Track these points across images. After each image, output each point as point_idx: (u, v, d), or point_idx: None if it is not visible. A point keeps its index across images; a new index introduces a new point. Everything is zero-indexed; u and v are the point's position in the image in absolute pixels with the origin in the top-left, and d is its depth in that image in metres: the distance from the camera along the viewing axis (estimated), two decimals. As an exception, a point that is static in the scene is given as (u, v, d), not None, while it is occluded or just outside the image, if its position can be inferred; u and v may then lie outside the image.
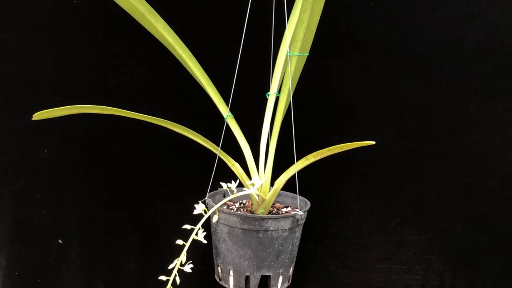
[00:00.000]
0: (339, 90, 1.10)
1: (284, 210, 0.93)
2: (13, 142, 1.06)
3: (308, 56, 0.84)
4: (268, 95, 0.91)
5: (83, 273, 1.14)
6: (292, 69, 0.81)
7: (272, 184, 0.88)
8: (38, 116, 0.79)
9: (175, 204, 1.12)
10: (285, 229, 0.82)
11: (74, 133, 1.07)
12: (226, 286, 0.86)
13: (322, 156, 0.79)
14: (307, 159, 0.81)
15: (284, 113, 0.88)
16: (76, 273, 1.13)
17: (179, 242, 0.77)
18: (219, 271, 0.88)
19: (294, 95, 0.84)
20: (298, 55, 0.80)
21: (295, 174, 0.83)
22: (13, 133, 1.06)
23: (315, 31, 0.78)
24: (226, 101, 0.90)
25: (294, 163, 0.83)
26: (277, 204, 0.96)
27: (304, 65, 0.87)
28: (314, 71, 0.99)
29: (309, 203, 0.89)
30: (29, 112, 0.80)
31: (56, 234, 1.11)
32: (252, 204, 0.91)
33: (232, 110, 0.90)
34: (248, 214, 0.85)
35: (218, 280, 0.89)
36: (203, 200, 0.84)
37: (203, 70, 0.89)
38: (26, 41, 1.03)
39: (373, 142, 0.72)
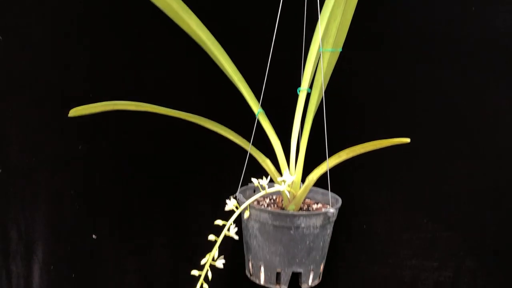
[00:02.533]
0: (373, 87, 1.09)
1: (315, 206, 0.92)
2: (48, 138, 1.09)
3: (341, 51, 0.83)
4: (299, 90, 0.90)
5: (116, 268, 1.16)
6: (325, 65, 0.80)
7: (303, 180, 0.88)
8: (74, 112, 0.81)
9: (206, 200, 1.13)
10: (316, 226, 0.81)
11: (108, 130, 1.09)
12: (257, 281, 0.86)
13: (355, 154, 0.78)
14: (339, 156, 0.80)
15: (316, 109, 0.87)
16: (110, 268, 1.16)
17: (211, 237, 0.78)
18: (250, 267, 0.88)
19: (326, 91, 0.84)
20: (331, 51, 0.79)
21: (326, 170, 0.83)
22: (48, 129, 1.08)
23: (348, 26, 0.77)
24: (257, 97, 0.90)
25: (325, 159, 0.83)
26: (308, 200, 0.96)
27: (337, 60, 0.86)
28: (348, 67, 0.98)
29: (340, 200, 0.88)
30: (64, 108, 0.82)
31: (90, 230, 1.14)
32: (282, 200, 0.91)
33: (263, 106, 0.90)
34: (280, 210, 0.85)
35: (249, 275, 0.89)
36: (234, 195, 0.85)
37: (235, 67, 0.89)
38: (58, 41, 1.05)
39: (408, 140, 0.71)
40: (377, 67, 1.08)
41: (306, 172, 0.87)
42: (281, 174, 0.89)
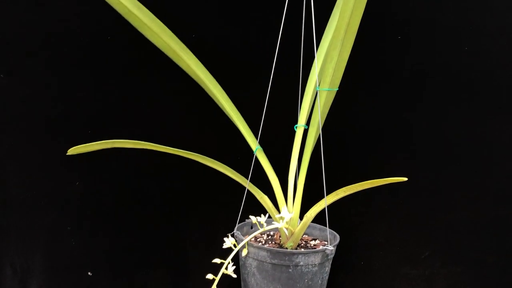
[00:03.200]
0: (368, 123, 1.10)
1: (313, 243, 0.92)
2: (47, 175, 1.09)
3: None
4: (296, 127, 0.91)
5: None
6: (322, 103, 0.81)
7: (301, 217, 0.88)
8: (73, 151, 0.81)
9: (203, 237, 1.12)
10: (315, 264, 0.81)
11: (105, 166, 1.09)
12: (255, 320, 0.85)
13: (352, 191, 0.79)
14: (337, 194, 0.81)
15: (313, 145, 0.88)
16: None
17: (209, 276, 0.77)
18: (249, 305, 0.87)
19: (323, 127, 0.85)
20: (327, 90, 0.80)
21: (324, 208, 0.83)
22: (46, 166, 1.08)
23: (344, 67, 0.78)
24: (255, 134, 0.90)
25: (323, 195, 0.83)
26: (305, 237, 0.96)
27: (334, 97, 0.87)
28: (343, 104, 1.00)
29: (338, 237, 0.88)
30: (62, 145, 0.82)
31: (85, 266, 1.13)
32: (280, 237, 0.91)
33: (260, 143, 0.90)
34: (278, 248, 0.85)
35: (246, 314, 0.88)
36: (232, 233, 0.84)
37: (233, 105, 0.90)
38: (58, 76, 1.06)
39: (405, 179, 0.72)
40: (375, 104, 1.09)
41: (304, 208, 0.87)
42: (279, 211, 0.89)
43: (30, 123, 1.07)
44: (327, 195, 0.82)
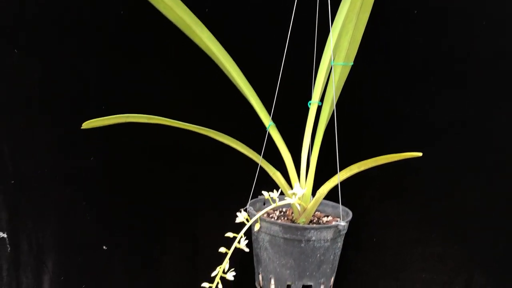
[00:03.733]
0: (384, 100, 1.09)
1: (325, 219, 0.92)
2: (61, 151, 1.10)
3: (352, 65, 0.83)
4: (310, 104, 0.91)
5: (126, 279, 1.16)
6: (336, 79, 0.80)
7: (313, 193, 0.88)
8: (87, 125, 0.82)
9: (216, 212, 1.13)
10: (327, 239, 0.81)
11: (120, 142, 1.10)
12: (267, 294, 0.86)
13: (366, 167, 0.78)
14: (351, 170, 0.80)
15: (327, 122, 0.87)
16: (120, 279, 1.16)
17: (222, 250, 0.77)
18: (260, 279, 0.88)
19: (337, 104, 0.84)
20: (342, 65, 0.79)
21: (337, 184, 0.82)
22: (60, 142, 1.09)
23: (360, 40, 0.77)
24: (268, 110, 0.90)
25: (336, 172, 0.83)
26: (318, 213, 0.96)
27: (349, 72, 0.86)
28: (358, 80, 0.99)
29: (351, 213, 0.88)
30: (76, 120, 0.83)
31: (100, 241, 1.14)
32: (292, 213, 0.91)
33: (274, 119, 0.90)
34: (290, 223, 0.85)
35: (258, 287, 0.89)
36: (244, 208, 0.85)
37: (246, 80, 0.90)
38: (73, 53, 1.07)
39: (420, 154, 0.71)
40: (390, 80, 1.08)
41: (316, 185, 0.87)
42: (291, 187, 0.89)
43: (44, 98, 1.07)
44: (340, 171, 0.81)
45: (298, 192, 0.80)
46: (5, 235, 1.12)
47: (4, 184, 1.10)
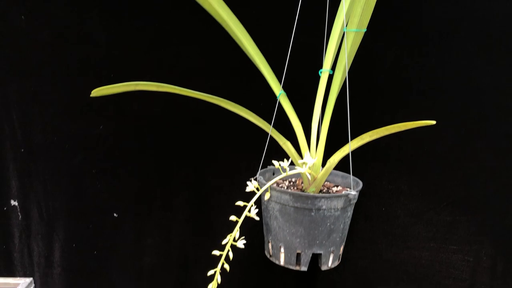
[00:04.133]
0: (395, 69, 1.07)
1: (335, 189, 0.92)
2: (70, 118, 1.10)
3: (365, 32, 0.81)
4: (321, 72, 0.89)
5: (136, 246, 1.18)
6: (349, 46, 0.79)
7: (323, 164, 0.87)
8: (96, 92, 0.81)
9: (226, 181, 1.13)
10: (337, 208, 0.81)
11: (128, 110, 1.10)
12: (276, 262, 0.87)
13: (378, 136, 0.77)
14: (362, 139, 0.80)
15: (339, 90, 0.86)
16: (130, 245, 1.18)
17: (233, 218, 0.78)
18: (270, 248, 0.88)
19: (348, 72, 0.83)
20: (355, 31, 0.77)
21: (348, 153, 0.82)
22: (70, 110, 1.09)
23: (374, 6, 0.75)
24: (279, 79, 0.89)
25: (346, 142, 0.82)
26: (327, 183, 0.96)
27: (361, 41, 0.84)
28: (370, 48, 0.96)
29: (361, 183, 0.88)
30: (85, 89, 0.82)
31: (111, 208, 1.15)
32: (302, 183, 0.91)
33: (284, 88, 0.89)
34: (301, 192, 0.85)
35: (268, 256, 0.90)
36: (254, 177, 0.85)
37: (257, 48, 0.88)
38: (82, 21, 1.05)
39: (433, 122, 0.70)
40: (402, 48, 1.06)
41: (326, 155, 0.87)
42: (301, 157, 0.89)
43: (54, 66, 1.06)
44: (351, 140, 0.81)
45: (309, 162, 0.79)
46: (16, 203, 1.13)
47: (15, 153, 1.10)
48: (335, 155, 0.84)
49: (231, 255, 0.76)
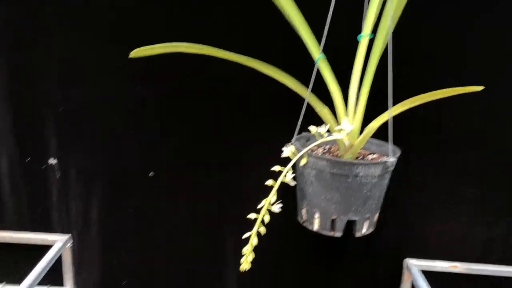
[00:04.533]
0: (441, 34, 1.03)
1: (370, 157, 0.91)
2: (108, 79, 1.10)
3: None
4: (360, 37, 0.87)
5: (169, 206, 1.20)
6: (393, 8, 0.76)
7: (361, 132, 0.86)
8: (135, 53, 0.81)
9: (261, 145, 1.13)
10: (374, 176, 0.80)
11: (166, 71, 1.09)
12: (310, 227, 0.87)
13: (421, 102, 0.75)
14: (404, 105, 0.78)
15: (379, 56, 0.84)
16: (165, 205, 1.20)
17: (269, 182, 0.78)
18: (304, 213, 0.88)
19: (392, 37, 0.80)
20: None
21: (387, 120, 0.80)
22: (108, 70, 1.09)
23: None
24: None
25: (385, 109, 0.80)
26: (363, 151, 0.95)
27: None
28: (415, 12, 0.93)
29: (399, 151, 0.86)
30: (124, 49, 0.82)
31: (147, 167, 1.17)
32: (338, 150, 0.90)
33: (324, 52, 0.87)
34: (338, 158, 0.85)
35: (300, 221, 0.90)
36: (290, 143, 0.84)
37: (297, 9, 0.86)
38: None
39: (480, 88, 0.68)
40: (451, 13, 1.02)
41: (364, 124, 0.85)
42: (338, 124, 0.87)
43: (92, 26, 1.07)
44: (393, 106, 0.79)
45: (346, 128, 0.78)
46: (54, 162, 1.16)
47: (53, 111, 1.12)
48: (375, 121, 0.82)
49: (266, 219, 0.77)
